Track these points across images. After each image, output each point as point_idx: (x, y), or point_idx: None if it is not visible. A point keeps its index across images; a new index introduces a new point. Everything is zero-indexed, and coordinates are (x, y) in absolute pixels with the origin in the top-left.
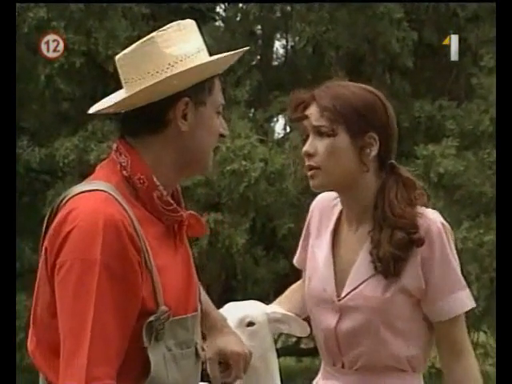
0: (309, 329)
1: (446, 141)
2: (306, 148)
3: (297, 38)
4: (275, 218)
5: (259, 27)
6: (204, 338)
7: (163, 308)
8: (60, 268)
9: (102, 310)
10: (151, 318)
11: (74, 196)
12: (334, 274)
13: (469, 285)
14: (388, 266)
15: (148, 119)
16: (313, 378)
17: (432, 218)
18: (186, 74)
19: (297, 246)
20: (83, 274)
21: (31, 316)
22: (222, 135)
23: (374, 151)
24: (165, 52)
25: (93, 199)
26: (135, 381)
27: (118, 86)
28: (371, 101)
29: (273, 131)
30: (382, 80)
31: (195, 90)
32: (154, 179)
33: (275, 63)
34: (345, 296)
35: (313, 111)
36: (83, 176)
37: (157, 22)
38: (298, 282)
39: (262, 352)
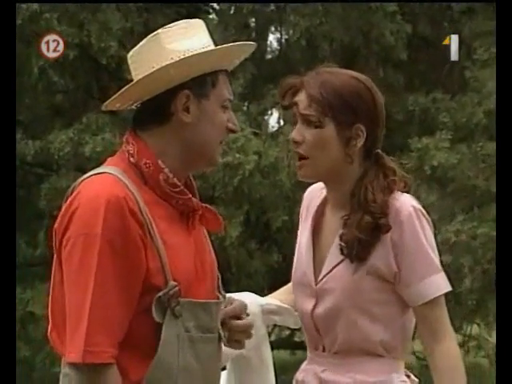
0: None
1: (440, 134)
2: (293, 135)
3: (291, 31)
4: (269, 211)
5: (253, 20)
6: None
7: (172, 283)
8: (66, 245)
9: (103, 281)
10: (160, 294)
11: (82, 181)
12: (313, 259)
13: (462, 277)
14: (352, 249)
15: (153, 111)
16: None
17: (403, 200)
18: (182, 65)
19: (291, 238)
20: (85, 249)
21: (49, 300)
22: (231, 130)
23: (361, 143)
24: (167, 47)
25: (98, 181)
26: (145, 356)
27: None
28: (359, 90)
29: (267, 124)
30: (376, 73)
31: (197, 83)
32: (159, 162)
33: (269, 56)
34: (320, 280)
35: (302, 98)
36: (78, 169)
37: (150, 14)
38: None
39: (256, 343)
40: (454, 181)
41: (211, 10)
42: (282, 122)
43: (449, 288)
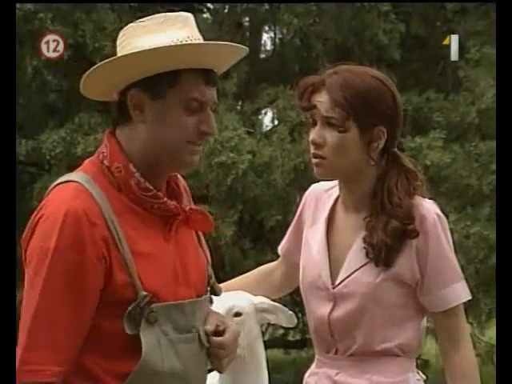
0: (295, 319)
1: (433, 133)
2: (314, 137)
3: (284, 31)
4: (263, 210)
5: (247, 19)
6: None
7: (142, 294)
8: (26, 258)
9: (49, 297)
10: (129, 308)
11: (52, 188)
12: (329, 261)
13: None
14: (379, 254)
15: (117, 110)
16: (300, 370)
17: (428, 208)
18: (123, 61)
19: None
20: (39, 262)
21: None
22: (205, 133)
23: (382, 144)
24: (122, 44)
25: (63, 191)
26: (121, 363)
27: None
28: (381, 92)
29: (261, 123)
30: None
31: (150, 81)
32: (131, 167)
33: (263, 55)
34: (339, 283)
35: (323, 100)
36: (70, 169)
37: (144, 13)
38: (261, 267)
39: (249, 342)
40: (447, 180)
41: (205, 9)
42: (275, 121)
43: (469, 296)
